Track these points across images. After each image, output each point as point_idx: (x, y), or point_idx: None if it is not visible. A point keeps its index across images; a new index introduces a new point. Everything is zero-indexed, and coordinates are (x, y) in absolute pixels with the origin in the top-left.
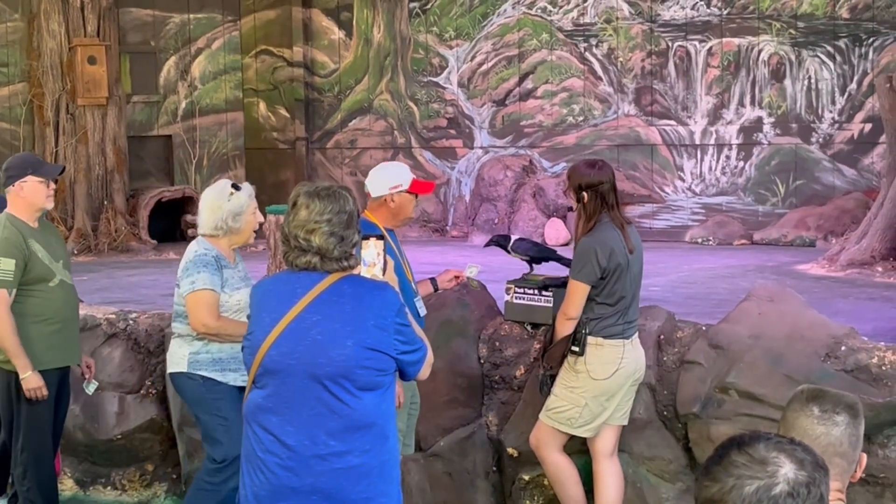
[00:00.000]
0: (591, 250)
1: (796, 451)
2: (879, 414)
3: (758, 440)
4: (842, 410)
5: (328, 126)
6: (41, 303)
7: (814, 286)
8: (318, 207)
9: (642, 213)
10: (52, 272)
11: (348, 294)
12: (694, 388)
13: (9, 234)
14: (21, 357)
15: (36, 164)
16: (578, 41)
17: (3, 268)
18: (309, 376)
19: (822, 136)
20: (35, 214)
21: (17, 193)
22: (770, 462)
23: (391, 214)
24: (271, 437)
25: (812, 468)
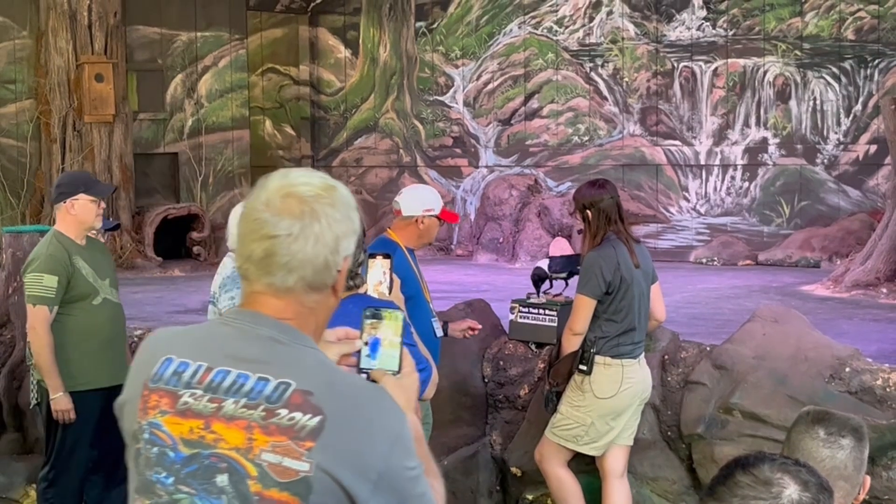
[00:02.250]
0: (596, 265)
1: (801, 472)
2: (884, 436)
3: (763, 461)
4: (847, 433)
5: (334, 144)
6: (83, 321)
7: (818, 307)
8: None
9: (647, 233)
10: (96, 290)
11: (354, 313)
12: (698, 408)
13: (53, 250)
14: (54, 377)
15: (88, 183)
16: (584, 61)
17: (46, 284)
18: None
19: (827, 158)
20: (84, 232)
21: (68, 211)
22: (774, 483)
23: (416, 235)
24: None
25: (816, 490)
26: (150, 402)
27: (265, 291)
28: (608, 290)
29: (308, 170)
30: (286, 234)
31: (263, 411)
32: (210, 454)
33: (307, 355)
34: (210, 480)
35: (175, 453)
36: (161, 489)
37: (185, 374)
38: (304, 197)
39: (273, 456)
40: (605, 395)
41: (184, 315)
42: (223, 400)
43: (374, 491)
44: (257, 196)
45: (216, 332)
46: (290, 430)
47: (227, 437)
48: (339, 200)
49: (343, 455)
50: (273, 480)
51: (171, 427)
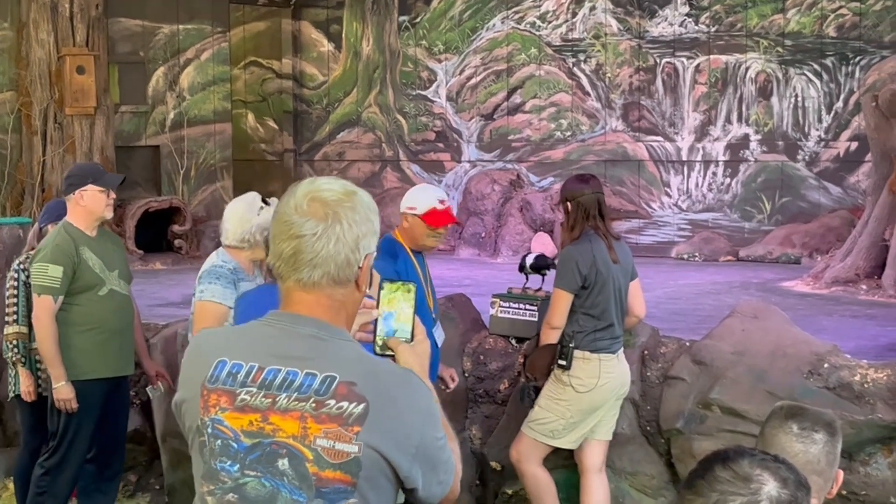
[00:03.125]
0: (572, 259)
1: (780, 469)
2: (861, 431)
3: (742, 456)
4: (820, 428)
5: (316, 138)
6: (88, 311)
7: (798, 303)
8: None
9: (629, 229)
10: (103, 281)
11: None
12: (677, 403)
13: (61, 241)
14: (56, 366)
15: (97, 174)
16: (567, 56)
17: (51, 274)
18: None
19: (808, 154)
20: (93, 223)
21: (77, 202)
22: (753, 479)
23: (405, 235)
24: None
25: (795, 487)
26: (211, 401)
27: (295, 287)
28: (584, 285)
29: (332, 177)
30: (311, 234)
31: (314, 403)
32: (270, 442)
33: (346, 349)
34: (273, 465)
35: (238, 444)
36: (226, 476)
37: (239, 375)
38: (328, 201)
39: (326, 441)
40: (584, 389)
41: (165, 308)
42: (277, 395)
43: (412, 461)
44: (287, 201)
45: (262, 334)
46: (339, 418)
47: (284, 427)
48: (359, 204)
49: (386, 434)
50: (327, 462)
51: (232, 421)
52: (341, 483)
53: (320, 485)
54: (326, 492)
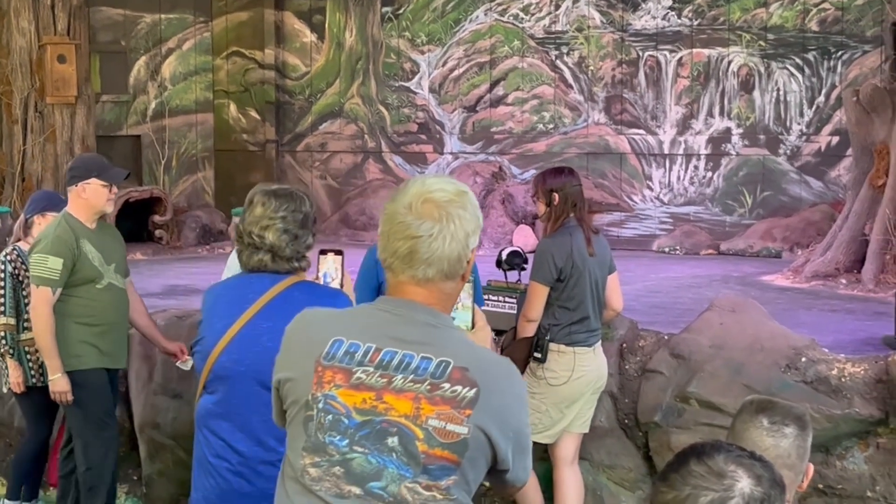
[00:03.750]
0: (548, 252)
1: (755, 466)
2: (838, 425)
3: (718, 451)
4: (791, 422)
5: (298, 129)
6: (85, 304)
7: (778, 297)
8: (273, 205)
9: (610, 222)
10: (101, 274)
11: (299, 300)
12: (655, 397)
13: (61, 232)
14: (53, 358)
15: (101, 167)
16: (550, 49)
17: (51, 266)
18: (258, 383)
19: (789, 148)
20: (94, 216)
21: (79, 194)
22: (727, 475)
23: None
24: (222, 443)
25: (769, 485)
26: (326, 378)
27: (409, 282)
28: (560, 277)
29: (441, 176)
30: (427, 235)
31: (429, 385)
32: (382, 420)
33: (456, 336)
34: (382, 441)
35: (349, 420)
36: (334, 449)
37: (357, 354)
38: (440, 202)
39: (438, 422)
40: (557, 382)
41: (146, 298)
42: (393, 376)
43: (509, 444)
44: (399, 201)
45: (377, 318)
46: (452, 401)
47: (397, 406)
48: (468, 203)
49: (493, 418)
50: (437, 441)
51: (345, 398)
52: (448, 461)
53: (428, 462)
54: (432, 468)
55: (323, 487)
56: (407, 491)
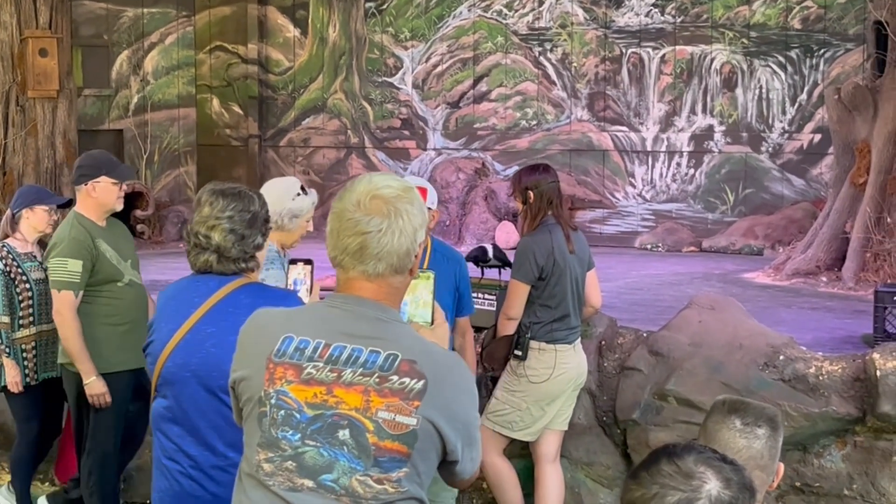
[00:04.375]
0: (529, 250)
1: (725, 469)
2: (815, 423)
3: (690, 452)
4: (763, 423)
5: (281, 124)
6: (110, 304)
7: (758, 295)
8: (220, 205)
9: (593, 219)
10: (121, 272)
11: (245, 304)
12: (633, 394)
13: (77, 233)
14: (85, 362)
15: (110, 165)
16: (533, 45)
17: (71, 269)
18: (205, 388)
19: (771, 146)
20: (104, 215)
21: (89, 193)
22: (696, 476)
23: None
24: (174, 446)
25: (738, 489)
26: (277, 374)
27: (359, 277)
28: (541, 276)
29: (387, 174)
30: (376, 231)
31: (378, 378)
32: (332, 414)
33: (404, 330)
34: (333, 435)
35: (301, 415)
36: (286, 444)
37: (306, 350)
38: (388, 198)
39: (387, 414)
40: (538, 379)
41: None
42: (342, 370)
43: (458, 436)
44: (347, 199)
45: (326, 314)
46: (401, 393)
47: (347, 399)
48: (415, 199)
49: (441, 409)
50: (387, 433)
51: (297, 393)
52: (397, 453)
53: (378, 454)
54: (383, 461)
55: (276, 482)
56: (358, 483)
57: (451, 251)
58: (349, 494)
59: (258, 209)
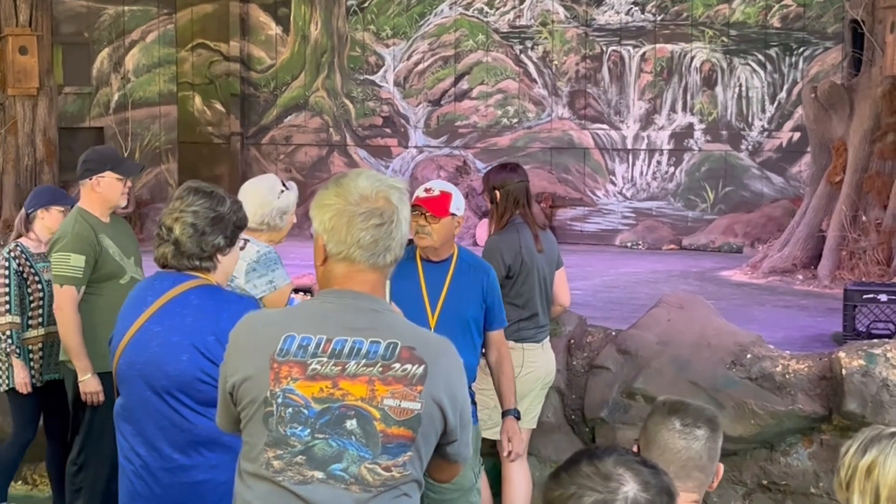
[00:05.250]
0: (497, 249)
1: (643, 472)
2: (782, 422)
3: (610, 454)
4: (703, 424)
5: (263, 122)
6: (111, 301)
7: (734, 293)
8: (189, 199)
9: (574, 216)
10: (123, 269)
11: (193, 305)
12: (602, 392)
13: (80, 229)
14: (82, 359)
15: (116, 161)
16: (514, 43)
17: (74, 264)
18: (150, 389)
19: (751, 144)
20: (108, 210)
21: (93, 188)
22: (614, 478)
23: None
24: (128, 445)
25: (656, 492)
26: (282, 373)
27: (366, 269)
28: (508, 274)
29: (372, 171)
30: (388, 223)
31: (381, 367)
32: (339, 406)
33: (398, 319)
34: (341, 426)
35: (309, 410)
36: (296, 440)
37: (309, 347)
38: (390, 192)
39: (393, 401)
40: None
41: None
42: (346, 363)
43: (456, 415)
44: (348, 196)
45: (324, 310)
46: (404, 379)
47: (353, 390)
48: (406, 192)
49: (442, 389)
50: (393, 420)
51: (303, 390)
52: (403, 438)
53: (386, 441)
54: (391, 447)
55: (286, 477)
56: (367, 471)
57: (477, 260)
58: (358, 482)
59: (226, 212)
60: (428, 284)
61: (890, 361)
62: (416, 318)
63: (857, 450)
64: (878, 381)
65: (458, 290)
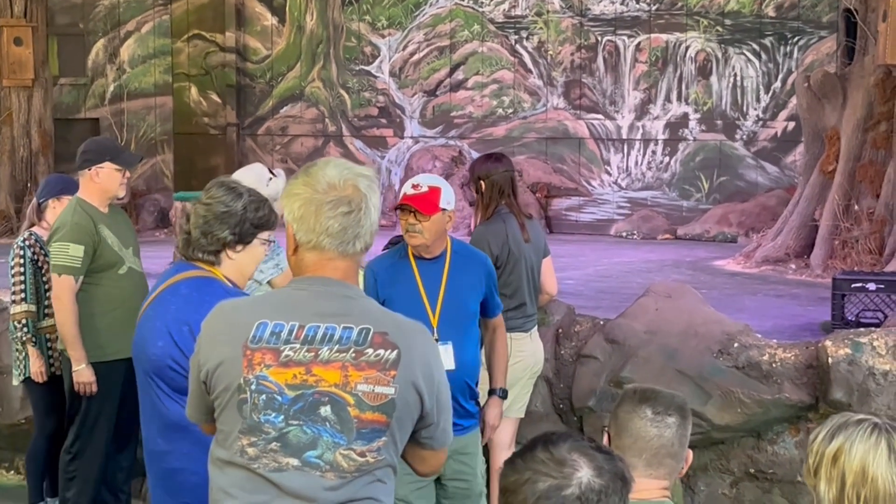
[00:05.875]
0: (484, 239)
1: (598, 457)
2: (768, 410)
3: (565, 440)
4: (673, 412)
5: (259, 112)
6: (109, 291)
7: (726, 282)
8: (209, 193)
9: (569, 206)
10: (122, 259)
11: (181, 294)
12: (589, 382)
13: (79, 219)
14: (77, 349)
15: (115, 151)
16: (509, 33)
17: (72, 254)
18: (142, 370)
19: (746, 134)
20: (106, 201)
21: (92, 178)
22: (568, 464)
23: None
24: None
25: (610, 478)
26: (255, 360)
27: (336, 257)
28: (496, 264)
29: (341, 159)
30: (357, 210)
31: (354, 353)
32: (313, 392)
33: (371, 305)
34: (315, 412)
35: (282, 397)
36: (270, 427)
37: (282, 334)
38: (358, 179)
39: (366, 386)
40: None
41: None
42: (319, 349)
43: (432, 398)
44: (317, 185)
45: (296, 297)
46: (377, 364)
47: (326, 377)
48: (375, 178)
49: (416, 374)
50: (368, 405)
51: (277, 377)
52: (378, 423)
53: (360, 426)
54: (365, 432)
55: (261, 464)
56: (342, 458)
57: (471, 250)
58: (333, 469)
59: (239, 208)
60: (425, 283)
61: (876, 350)
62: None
63: (824, 437)
64: (864, 369)
65: (457, 285)
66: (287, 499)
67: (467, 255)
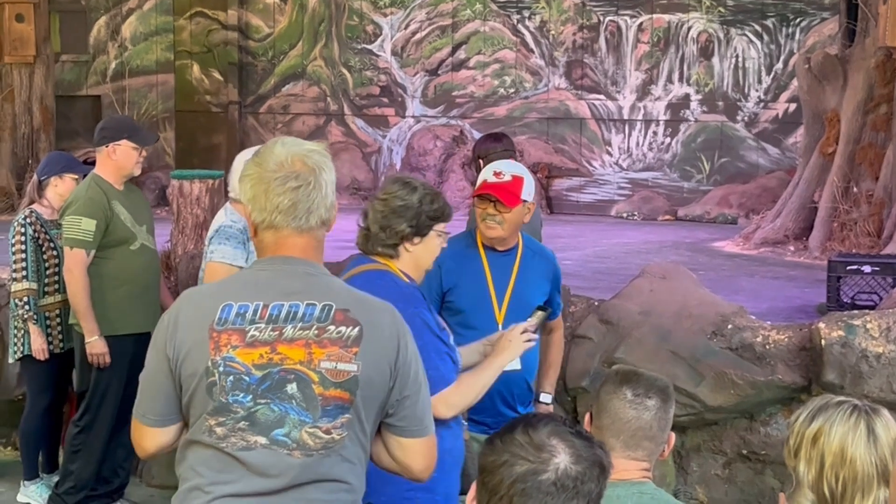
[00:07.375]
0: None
1: (577, 444)
2: (761, 392)
3: (546, 424)
4: (654, 395)
5: (261, 91)
6: (120, 266)
7: (724, 263)
8: (386, 188)
9: (570, 187)
10: (134, 235)
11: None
12: (583, 362)
13: (93, 194)
14: (89, 320)
15: (132, 130)
16: (511, 13)
17: (84, 227)
18: None
19: (747, 115)
20: (122, 178)
21: (109, 155)
22: (546, 448)
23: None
24: None
25: (587, 465)
26: (222, 342)
27: (291, 234)
28: None
29: (288, 137)
30: (306, 185)
31: (316, 330)
32: (279, 370)
33: (334, 282)
34: (282, 390)
35: (250, 377)
36: (238, 407)
37: (247, 314)
38: (307, 155)
39: (329, 363)
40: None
41: None
42: (283, 327)
43: (400, 380)
44: (266, 164)
45: (260, 277)
46: (339, 341)
47: (291, 354)
48: (327, 154)
49: (378, 352)
50: (331, 382)
51: (243, 357)
52: (341, 400)
53: (324, 403)
54: (329, 409)
55: (229, 443)
56: (308, 436)
57: (542, 248)
58: (300, 447)
59: (414, 202)
60: (494, 276)
61: (869, 332)
62: (482, 313)
63: (805, 418)
64: (857, 351)
65: (526, 281)
66: (254, 477)
67: (537, 250)
